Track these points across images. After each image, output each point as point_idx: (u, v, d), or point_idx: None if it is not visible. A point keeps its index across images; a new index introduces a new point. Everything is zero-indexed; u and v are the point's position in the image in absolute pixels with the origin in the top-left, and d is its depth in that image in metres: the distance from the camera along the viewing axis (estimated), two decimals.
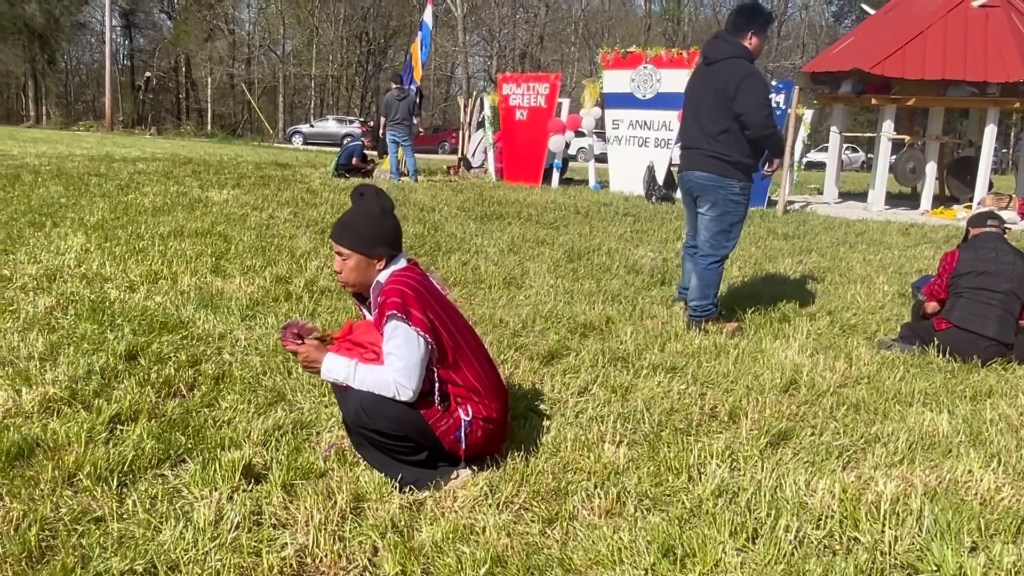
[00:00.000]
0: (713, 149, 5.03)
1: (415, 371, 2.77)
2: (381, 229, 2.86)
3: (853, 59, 13.45)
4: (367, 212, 2.86)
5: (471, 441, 2.92)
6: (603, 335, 4.94)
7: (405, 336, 2.75)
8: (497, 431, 3.04)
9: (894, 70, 12.74)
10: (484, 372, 2.97)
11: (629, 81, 14.37)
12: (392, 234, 2.90)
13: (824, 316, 5.70)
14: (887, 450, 3.41)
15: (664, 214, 11.18)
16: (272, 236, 7.50)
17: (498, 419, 2.99)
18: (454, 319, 2.94)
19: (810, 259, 8.08)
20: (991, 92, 12.71)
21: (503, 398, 3.05)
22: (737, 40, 5.08)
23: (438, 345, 2.82)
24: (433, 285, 2.97)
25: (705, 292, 5.19)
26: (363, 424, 2.80)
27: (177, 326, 4.51)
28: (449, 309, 2.95)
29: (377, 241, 2.86)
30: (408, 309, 2.75)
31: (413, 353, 2.76)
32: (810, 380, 4.24)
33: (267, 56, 53.52)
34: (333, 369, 2.83)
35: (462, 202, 11.10)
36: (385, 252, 2.88)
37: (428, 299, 2.84)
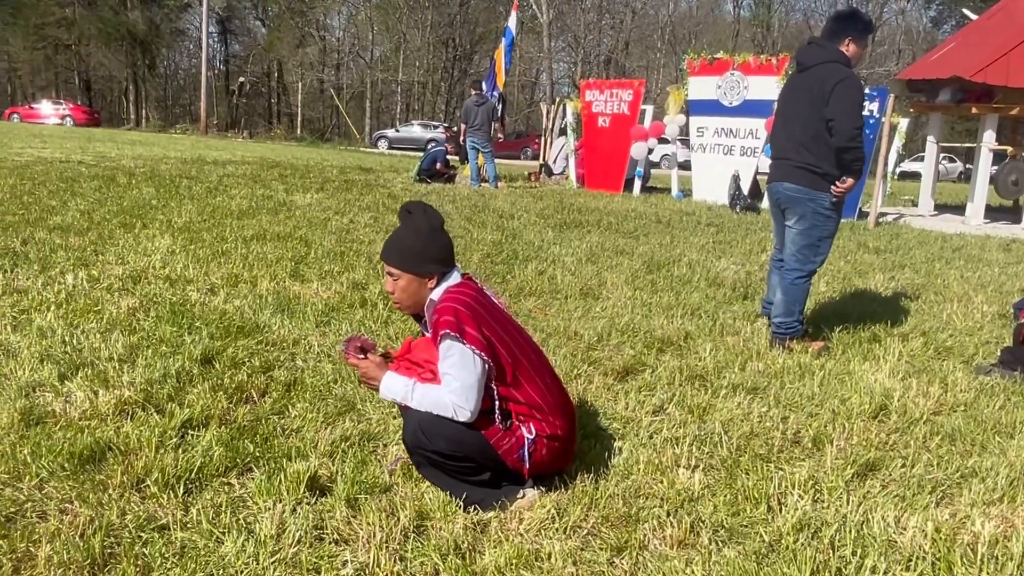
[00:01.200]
0: (803, 160, 4.82)
1: (472, 391, 2.69)
2: (431, 247, 2.78)
3: (953, 66, 12.87)
4: (416, 230, 2.79)
5: (536, 459, 2.83)
6: (681, 351, 4.78)
7: (460, 355, 2.67)
8: (563, 449, 2.93)
9: (997, 78, 12.14)
10: (547, 389, 2.87)
11: (715, 88, 14.07)
12: (442, 251, 2.81)
13: (917, 337, 5.41)
14: (985, 486, 3.18)
15: (748, 225, 10.88)
16: (351, 241, 7.55)
17: (564, 436, 2.89)
18: (513, 334, 2.84)
19: (903, 275, 7.72)
20: None
21: (569, 415, 2.95)
22: (834, 46, 4.86)
23: (496, 363, 2.73)
24: (490, 300, 2.89)
25: (790, 308, 4.98)
26: (422, 445, 2.74)
27: (253, 330, 4.55)
28: (507, 324, 2.86)
29: (427, 259, 2.78)
30: (462, 327, 2.67)
31: (469, 373, 2.68)
32: (901, 406, 4.01)
33: (356, 62, 54.60)
34: (392, 388, 2.77)
35: (541, 209, 11.03)
36: (436, 270, 2.80)
37: (483, 315, 2.75)
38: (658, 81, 49.54)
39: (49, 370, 3.68)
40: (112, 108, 57.06)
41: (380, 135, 41.44)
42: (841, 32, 4.85)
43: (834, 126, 4.67)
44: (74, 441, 2.99)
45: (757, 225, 10.81)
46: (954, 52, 13.76)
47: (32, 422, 3.20)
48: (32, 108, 42.78)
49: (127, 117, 53.25)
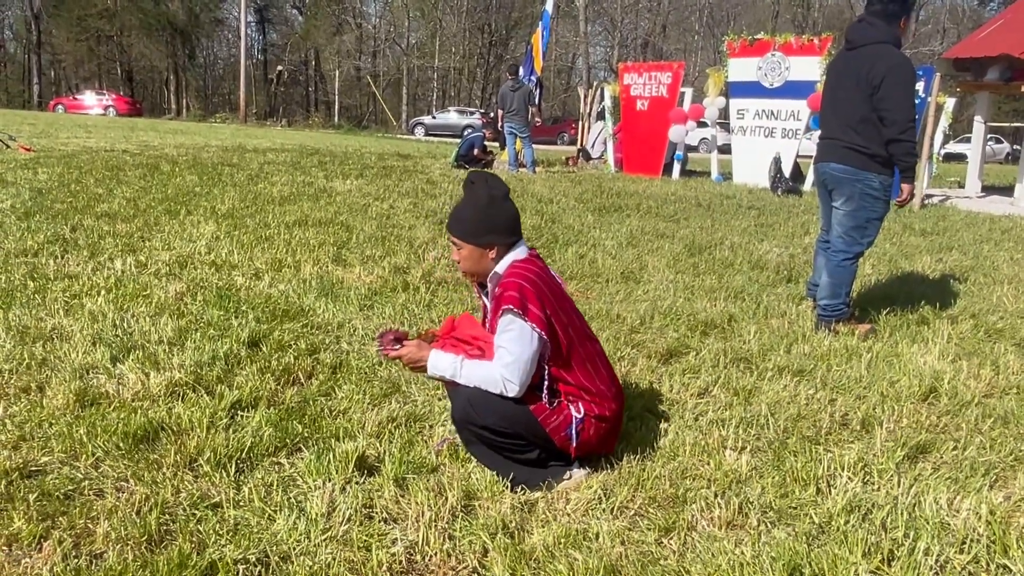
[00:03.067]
0: (851, 140, 4.73)
1: (524, 366, 2.69)
2: (490, 218, 2.78)
3: (1001, 44, 12.56)
4: (475, 202, 2.80)
5: (583, 439, 2.83)
6: (725, 334, 4.74)
7: (519, 331, 2.67)
8: (610, 430, 2.93)
9: None
10: (597, 372, 2.87)
11: (756, 69, 13.89)
12: (504, 223, 2.80)
13: (967, 319, 5.30)
14: None
15: (791, 208, 10.74)
16: (392, 226, 7.58)
17: (611, 418, 2.89)
18: (571, 316, 2.84)
19: (950, 257, 7.58)
20: None
21: (618, 398, 2.94)
22: (884, 24, 4.73)
23: (552, 342, 2.74)
24: (553, 279, 2.89)
25: (836, 291, 4.91)
26: (471, 420, 2.75)
27: (298, 314, 4.59)
28: (566, 304, 2.86)
29: (487, 230, 2.78)
30: (525, 304, 2.68)
31: (525, 349, 2.68)
32: (952, 389, 3.94)
33: (392, 49, 54.74)
34: (439, 365, 2.79)
35: (580, 194, 10.98)
36: (497, 240, 2.80)
37: (547, 293, 2.75)
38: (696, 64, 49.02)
39: (102, 353, 3.75)
40: (153, 98, 57.85)
41: (417, 122, 41.53)
42: (897, 11, 4.72)
43: (887, 117, 4.56)
44: (128, 421, 3.05)
45: (799, 208, 10.67)
46: (1003, 29, 13.42)
47: (87, 403, 3.26)
48: (76, 99, 43.51)
49: (168, 107, 53.97)
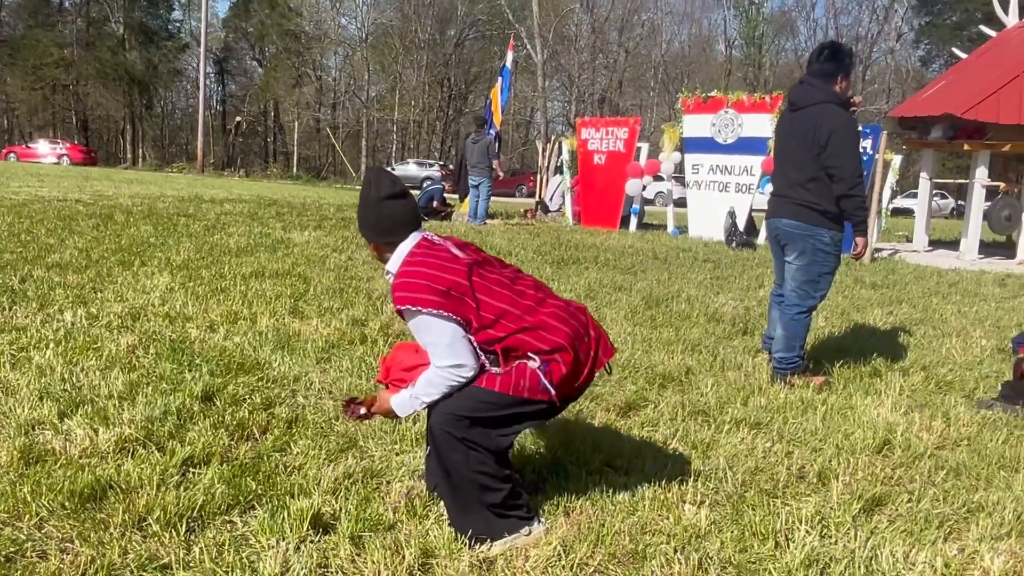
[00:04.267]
0: (802, 197, 4.85)
1: (455, 347, 2.67)
2: (382, 216, 2.80)
3: (944, 103, 13.02)
4: (366, 199, 2.84)
5: (556, 379, 2.73)
6: (683, 387, 4.77)
7: (424, 325, 2.66)
8: (579, 358, 2.78)
9: (988, 115, 12.28)
10: (531, 310, 2.76)
11: (710, 126, 14.21)
12: (393, 220, 2.80)
13: (918, 371, 5.41)
14: (992, 521, 3.17)
15: (745, 261, 10.92)
16: (350, 278, 7.55)
17: (569, 343, 2.74)
18: (478, 273, 2.75)
19: (900, 310, 7.74)
20: None
21: (566, 322, 2.78)
22: (825, 84, 4.91)
23: (460, 310, 2.67)
24: (444, 249, 2.80)
25: (791, 344, 4.98)
26: (452, 428, 2.69)
27: (254, 367, 4.52)
28: (460, 267, 2.74)
29: (380, 229, 2.82)
30: (416, 297, 2.64)
31: (440, 334, 2.66)
32: (905, 441, 3.99)
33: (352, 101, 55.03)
34: (403, 405, 2.81)
35: (539, 246, 11.06)
36: (391, 239, 2.82)
37: (434, 273, 2.69)
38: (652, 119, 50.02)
39: (49, 408, 3.65)
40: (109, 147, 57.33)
41: None
42: (833, 71, 4.89)
43: (835, 174, 4.71)
44: (74, 479, 2.96)
45: (754, 261, 10.85)
46: (945, 90, 13.93)
47: (32, 460, 3.16)
48: (29, 147, 42.93)
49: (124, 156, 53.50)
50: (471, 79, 54.69)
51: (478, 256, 2.86)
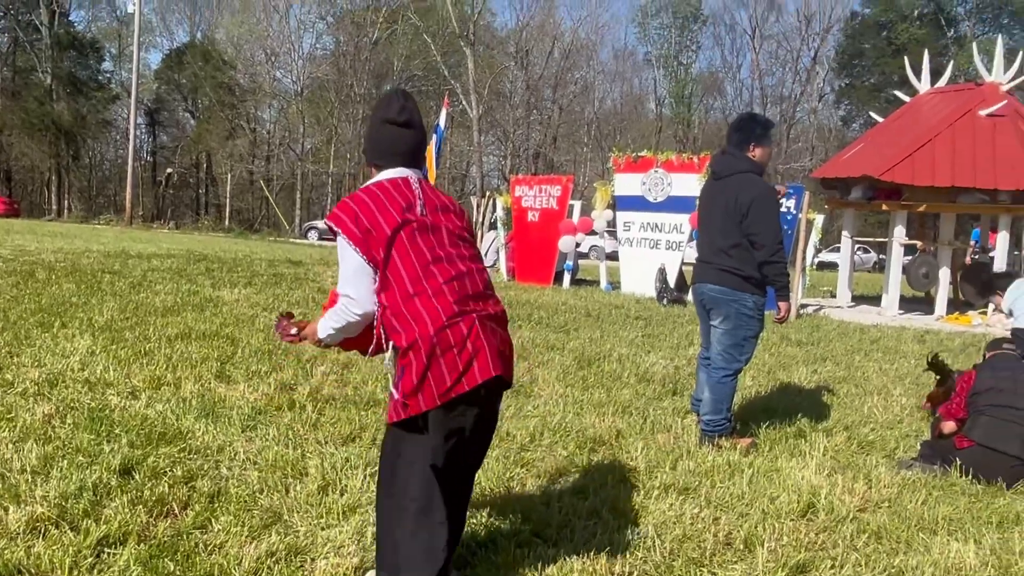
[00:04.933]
0: (725, 263, 4.98)
1: (352, 279, 2.69)
2: (374, 138, 2.85)
3: (863, 166, 13.56)
4: (373, 116, 2.92)
5: (408, 389, 2.60)
6: (613, 450, 4.79)
7: (341, 248, 2.71)
8: (434, 365, 2.58)
9: (904, 177, 12.82)
10: (422, 290, 2.64)
11: (640, 184, 14.53)
12: (383, 145, 2.83)
13: (841, 431, 5.54)
14: None
15: (676, 317, 11.10)
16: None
17: (421, 343, 2.58)
18: (409, 233, 2.68)
19: (825, 368, 7.94)
20: (1002, 199, 12.73)
21: (437, 319, 2.60)
22: (742, 154, 5.09)
23: (370, 258, 2.66)
24: (405, 195, 2.74)
25: (718, 407, 5.06)
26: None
27: (176, 437, 4.40)
28: (394, 218, 2.68)
29: (372, 148, 2.87)
30: (339, 219, 2.70)
31: (349, 263, 2.70)
32: (828, 504, 4.07)
33: (286, 154, 54.75)
34: (320, 328, 2.85)
35: None
36: (376, 161, 2.86)
37: (369, 209, 2.68)
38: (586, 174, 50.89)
39: None
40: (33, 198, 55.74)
41: (310, 226, 41.44)
42: (744, 140, 5.10)
43: (756, 241, 4.87)
44: None
45: (684, 318, 11.03)
46: (864, 152, 14.51)
47: None
48: None
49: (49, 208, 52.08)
50: None
51: (432, 221, 2.74)
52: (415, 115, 2.83)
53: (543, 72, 54.33)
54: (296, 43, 53.11)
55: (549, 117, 55.10)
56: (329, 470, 4.01)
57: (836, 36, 55.62)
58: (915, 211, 13.54)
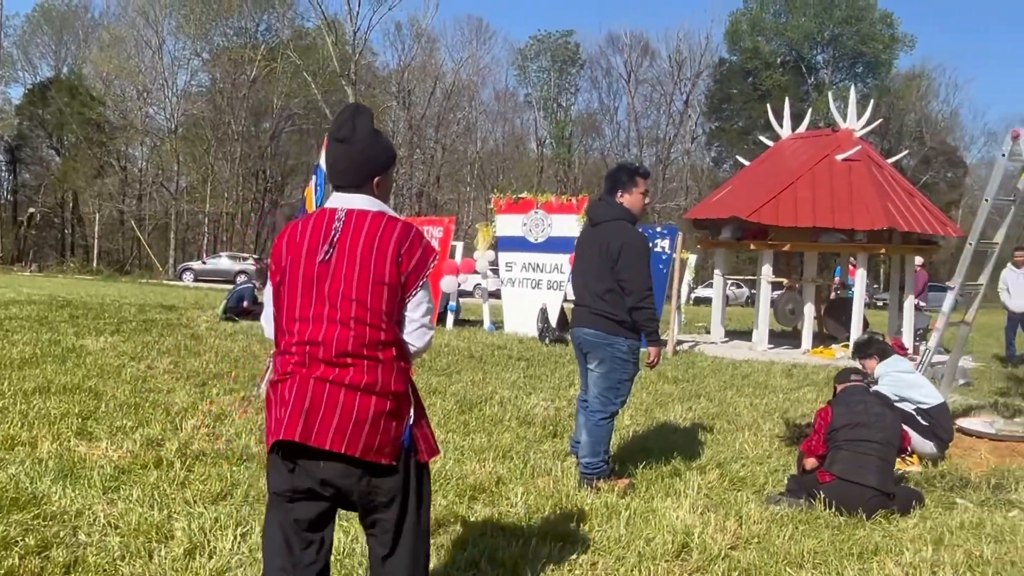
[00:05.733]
0: (600, 308, 5.09)
1: (267, 313, 2.78)
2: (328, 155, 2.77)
3: (731, 207, 14.17)
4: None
5: (267, 423, 2.70)
6: (493, 498, 4.78)
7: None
8: (272, 411, 2.63)
9: (769, 218, 13.47)
10: (291, 319, 2.64)
11: (521, 225, 14.72)
12: (327, 162, 2.74)
13: (714, 468, 5.70)
14: None
15: (558, 357, 11.24)
16: (148, 391, 7.12)
17: (278, 373, 2.64)
18: (305, 260, 2.64)
19: (699, 404, 8.18)
20: (858, 238, 13.53)
21: (285, 361, 2.63)
22: (614, 201, 5.25)
23: (274, 286, 2.72)
24: (319, 230, 2.66)
25: (595, 449, 5.13)
26: None
27: (29, 503, 4.13)
28: (280, 257, 2.70)
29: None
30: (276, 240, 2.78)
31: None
32: (701, 543, 4.17)
33: (159, 193, 52.91)
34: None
35: None
36: (331, 182, 2.78)
37: (281, 242, 2.70)
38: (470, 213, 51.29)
39: None
40: None
41: (185, 267, 40.09)
42: (613, 188, 5.28)
43: (626, 287, 5.00)
44: None
45: (565, 358, 11.17)
46: (732, 194, 15.18)
47: None
48: None
49: None
50: (288, 171, 54.11)
51: (320, 272, 2.60)
52: (353, 129, 2.67)
53: (425, 112, 54.68)
54: (170, 79, 51.68)
55: (432, 156, 55.39)
56: (197, 532, 3.85)
57: (706, 81, 58.41)
58: (780, 250, 14.21)
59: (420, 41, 56.53)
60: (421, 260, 2.64)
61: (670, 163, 57.85)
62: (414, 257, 2.62)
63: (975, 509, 5.12)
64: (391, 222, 2.65)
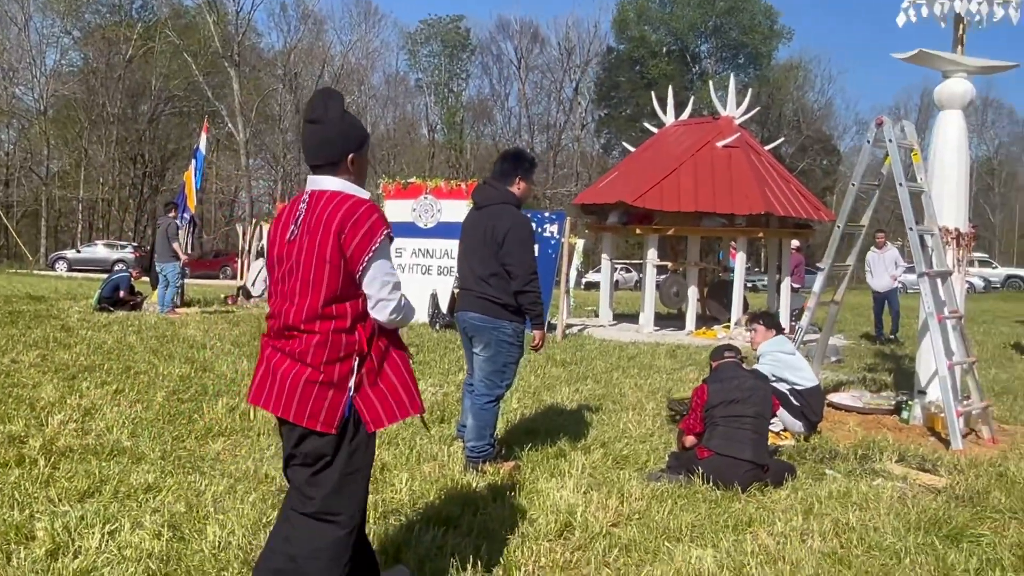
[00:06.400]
0: (484, 291, 5.09)
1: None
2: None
3: (618, 192, 14.43)
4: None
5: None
6: (377, 485, 4.72)
7: None
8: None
9: (653, 203, 13.78)
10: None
11: (411, 211, 14.60)
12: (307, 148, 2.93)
13: (598, 448, 5.79)
14: None
15: (448, 343, 11.22)
16: (12, 385, 6.74)
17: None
18: (278, 240, 2.92)
19: (586, 386, 8.30)
20: (738, 222, 14.00)
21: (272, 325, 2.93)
22: (504, 186, 5.24)
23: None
24: (290, 216, 2.90)
25: (481, 432, 5.14)
26: None
27: None
28: (275, 234, 2.96)
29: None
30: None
31: None
32: (584, 521, 4.23)
33: (28, 178, 50.02)
34: None
35: (237, 337, 10.61)
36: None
37: (273, 224, 3.00)
38: None
39: None
40: None
41: (58, 256, 38.17)
42: (510, 172, 5.26)
43: (511, 271, 5.02)
44: None
45: (455, 343, 11.15)
46: (619, 180, 15.45)
47: None
48: None
49: None
50: (168, 155, 52.02)
51: (287, 251, 2.85)
52: (326, 110, 2.84)
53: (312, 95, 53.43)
54: (38, 58, 48.75)
55: None
56: (61, 531, 3.66)
57: (595, 69, 59.19)
58: (665, 234, 14.57)
59: (307, 22, 55.33)
60: (366, 236, 2.73)
61: (561, 149, 58.46)
62: (358, 234, 2.73)
63: (843, 479, 5.36)
64: (343, 200, 2.79)
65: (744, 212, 13.67)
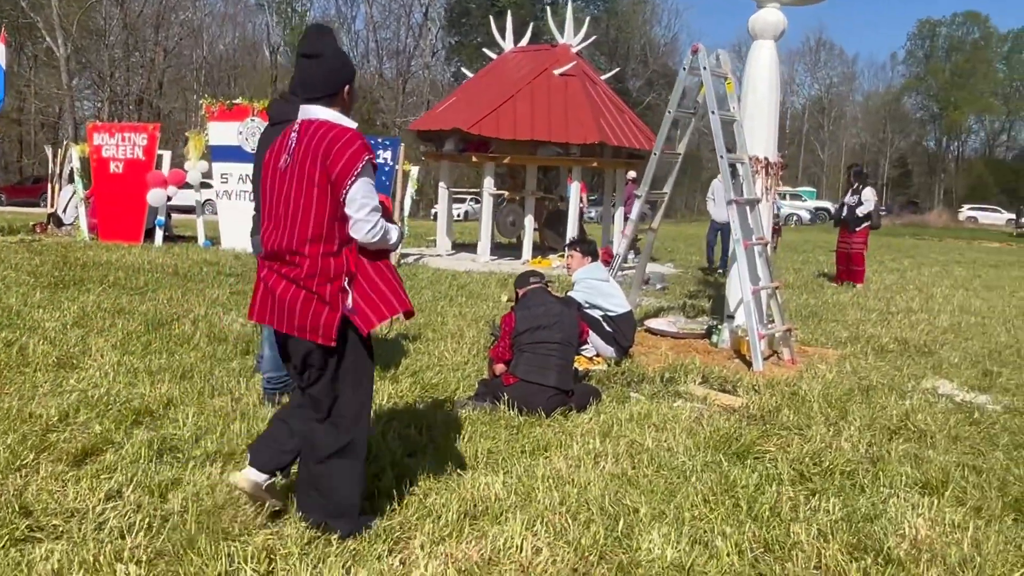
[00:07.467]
0: None
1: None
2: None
3: (454, 119, 14.14)
4: None
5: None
6: (158, 421, 4.43)
7: None
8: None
9: (490, 130, 13.58)
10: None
11: (237, 134, 13.80)
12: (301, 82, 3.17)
13: (407, 377, 5.66)
14: (437, 525, 3.34)
15: None
16: None
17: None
18: (272, 168, 3.17)
19: None
20: (573, 152, 14.05)
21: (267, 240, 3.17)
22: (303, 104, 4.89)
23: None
24: (281, 144, 3.15)
25: (278, 363, 4.86)
26: None
27: None
28: (269, 162, 3.20)
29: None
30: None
31: None
32: (376, 451, 4.09)
33: None
34: None
35: (36, 267, 9.78)
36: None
37: (268, 153, 3.20)
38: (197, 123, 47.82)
39: None
40: None
41: None
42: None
43: None
44: None
45: None
46: (455, 106, 15.15)
47: None
48: None
49: None
50: None
51: (282, 176, 3.11)
52: (320, 46, 3.13)
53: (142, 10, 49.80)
54: None
55: (152, 60, 50.74)
56: None
57: None
58: (500, 163, 14.45)
59: None
60: (350, 160, 2.97)
61: (410, 76, 57.15)
62: (342, 159, 2.97)
63: (646, 401, 5.46)
64: (330, 128, 3.04)
65: (579, 141, 13.70)
